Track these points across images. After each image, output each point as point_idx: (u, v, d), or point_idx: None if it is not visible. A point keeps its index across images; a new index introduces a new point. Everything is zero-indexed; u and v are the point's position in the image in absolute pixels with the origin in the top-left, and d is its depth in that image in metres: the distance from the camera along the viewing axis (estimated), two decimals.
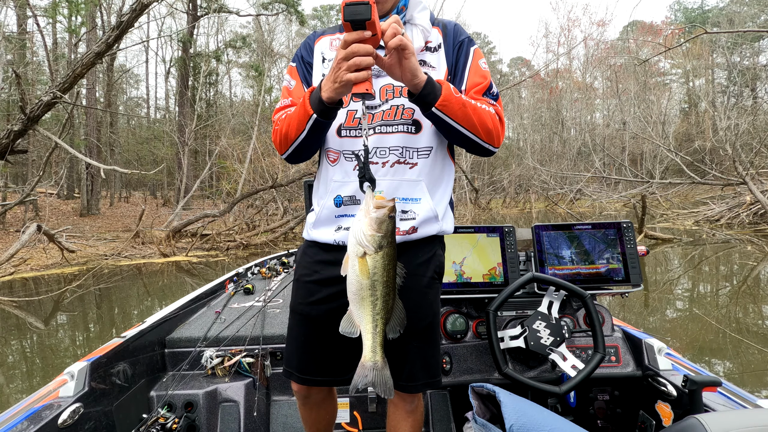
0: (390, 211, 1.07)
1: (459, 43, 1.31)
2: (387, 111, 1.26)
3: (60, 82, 6.65)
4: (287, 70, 1.43)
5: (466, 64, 1.30)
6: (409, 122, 1.26)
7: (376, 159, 1.26)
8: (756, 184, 12.67)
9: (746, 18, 28.52)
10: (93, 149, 18.54)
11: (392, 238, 1.08)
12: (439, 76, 1.27)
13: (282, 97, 1.41)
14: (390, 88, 1.27)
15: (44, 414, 1.33)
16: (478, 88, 1.28)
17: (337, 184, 1.29)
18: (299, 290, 1.38)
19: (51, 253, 10.08)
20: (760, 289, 6.69)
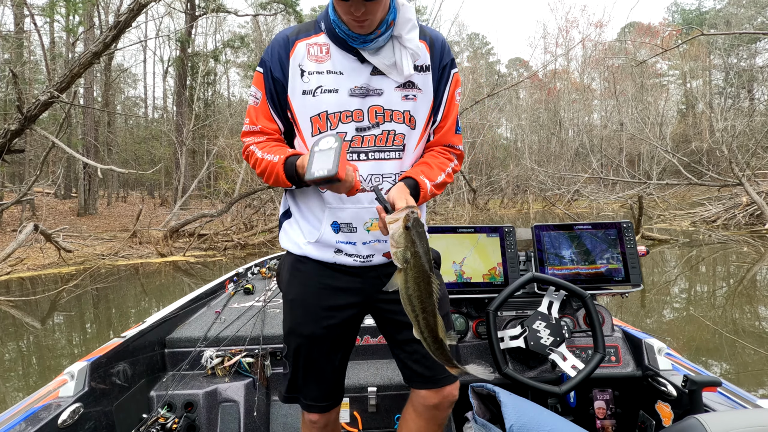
0: (405, 221, 1.06)
1: (443, 66, 1.31)
2: (379, 136, 1.25)
3: (57, 82, 6.63)
4: (254, 78, 1.32)
5: (445, 93, 1.32)
6: (400, 148, 1.28)
7: (367, 186, 1.26)
8: (752, 185, 12.72)
9: (743, 20, 28.65)
10: (90, 149, 18.48)
11: (415, 248, 1.06)
12: (426, 98, 1.28)
13: (247, 115, 1.33)
14: (380, 110, 1.25)
15: (44, 414, 1.33)
16: (449, 125, 1.35)
17: (333, 210, 1.27)
18: (298, 311, 1.34)
19: (48, 252, 10.04)
20: (756, 290, 6.72)
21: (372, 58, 1.22)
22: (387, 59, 1.22)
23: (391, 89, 1.25)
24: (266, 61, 1.27)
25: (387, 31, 1.20)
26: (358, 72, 1.23)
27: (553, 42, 40.06)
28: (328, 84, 1.22)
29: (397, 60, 1.22)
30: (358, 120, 1.24)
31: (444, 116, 1.34)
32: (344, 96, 1.22)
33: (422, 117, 1.30)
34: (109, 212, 19.98)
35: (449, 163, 1.36)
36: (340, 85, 1.22)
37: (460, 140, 1.42)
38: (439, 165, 1.33)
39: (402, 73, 1.23)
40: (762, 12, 27.97)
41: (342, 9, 1.14)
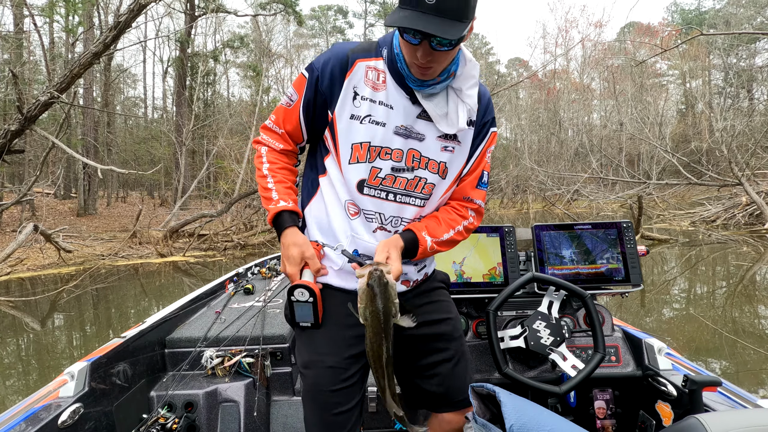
0: (368, 278, 1.06)
1: (485, 123, 1.29)
2: (411, 181, 1.23)
3: (57, 82, 6.63)
4: (296, 80, 1.26)
5: (478, 149, 1.30)
6: (426, 197, 1.26)
7: (390, 228, 1.25)
8: (752, 185, 12.73)
9: (742, 20, 28.65)
10: (90, 149, 18.48)
11: (374, 307, 1.07)
12: (462, 152, 1.27)
13: (275, 112, 1.30)
14: (417, 155, 1.22)
15: (44, 414, 1.33)
16: (473, 178, 1.33)
17: (358, 240, 1.24)
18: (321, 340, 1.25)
19: (48, 253, 10.04)
20: (755, 290, 6.72)
21: (425, 102, 1.18)
22: (440, 108, 1.20)
23: (432, 137, 1.22)
24: (316, 68, 1.21)
25: (447, 80, 1.18)
26: (407, 111, 1.20)
27: (552, 42, 40.07)
28: (378, 115, 1.19)
29: (451, 111, 1.20)
30: (396, 160, 1.21)
31: (470, 170, 1.32)
32: (389, 132, 1.19)
33: (455, 170, 1.28)
34: (108, 212, 19.98)
35: (461, 221, 1.33)
36: (388, 120, 1.19)
37: (482, 195, 1.36)
38: (448, 221, 1.31)
39: (455, 126, 1.20)
40: (761, 12, 27.98)
41: (407, 51, 1.10)
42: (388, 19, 1.04)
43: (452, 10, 1.02)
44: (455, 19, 1.02)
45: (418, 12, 1.01)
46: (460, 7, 1.02)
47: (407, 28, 1.02)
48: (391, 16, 1.04)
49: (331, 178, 1.25)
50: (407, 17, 1.01)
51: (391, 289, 1.08)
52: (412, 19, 1.01)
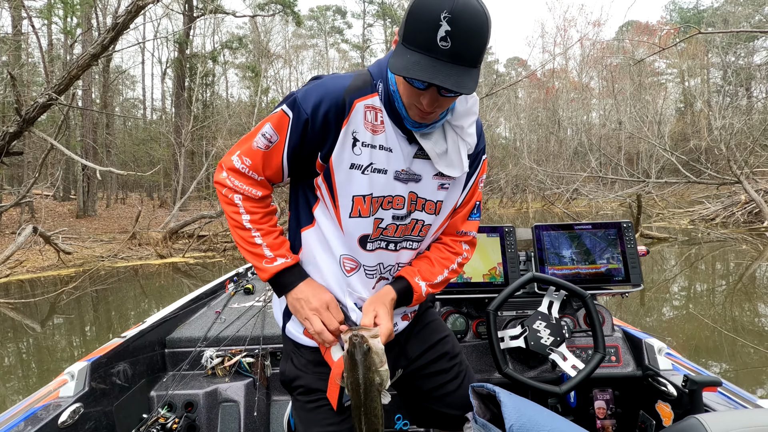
0: (348, 344, 1.00)
1: (477, 152, 1.21)
2: (408, 225, 1.15)
3: (55, 84, 6.63)
4: (275, 118, 1.06)
5: (471, 180, 1.22)
6: (421, 239, 1.20)
7: (389, 276, 1.19)
8: (751, 183, 12.75)
9: (741, 18, 28.68)
10: (89, 151, 18.46)
11: (353, 376, 0.99)
12: (458, 187, 1.19)
13: (248, 155, 1.09)
14: (414, 197, 1.13)
15: (44, 414, 1.33)
16: (466, 210, 1.26)
17: (356, 295, 1.16)
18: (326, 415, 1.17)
19: (47, 254, 10.03)
20: (755, 288, 6.73)
21: (423, 141, 1.08)
22: (438, 146, 1.09)
23: (429, 176, 1.13)
24: (304, 110, 1.03)
25: (445, 116, 1.08)
26: (405, 153, 1.09)
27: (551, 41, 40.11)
28: (378, 162, 1.07)
29: (451, 150, 1.10)
30: (397, 207, 1.12)
31: (464, 203, 1.24)
32: (390, 179, 1.09)
33: (450, 206, 1.20)
34: (108, 214, 19.96)
35: (455, 258, 1.26)
36: (389, 165, 1.08)
37: (475, 226, 1.29)
38: (441, 261, 1.24)
39: (459, 168, 1.11)
40: (759, 10, 28.01)
41: (409, 94, 0.99)
42: (394, 63, 0.92)
43: (470, 56, 0.91)
44: (471, 66, 0.93)
45: (431, 58, 0.90)
46: (478, 53, 0.92)
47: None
48: (398, 59, 0.92)
49: (323, 231, 1.13)
50: (419, 65, 0.89)
51: (374, 356, 0.99)
52: (425, 68, 0.89)
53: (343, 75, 1.08)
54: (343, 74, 1.08)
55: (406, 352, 1.28)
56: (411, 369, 1.28)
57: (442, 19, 0.87)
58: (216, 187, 1.14)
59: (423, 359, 1.29)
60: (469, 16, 0.89)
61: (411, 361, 1.28)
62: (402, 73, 0.90)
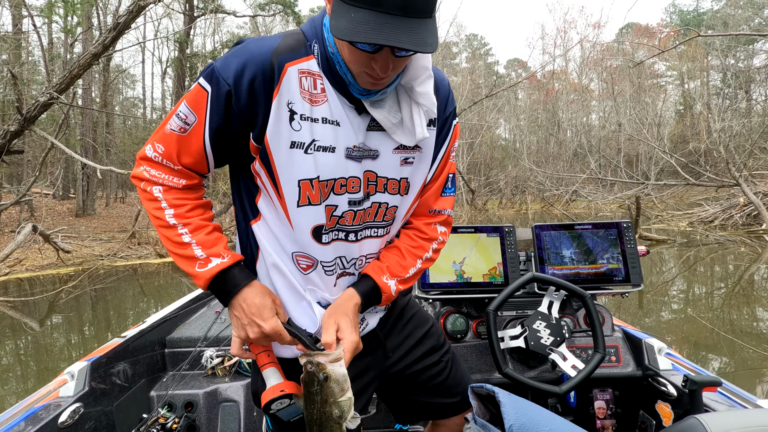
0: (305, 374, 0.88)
1: (446, 117, 1.06)
2: (369, 210, 1.00)
3: (57, 83, 6.64)
4: (190, 94, 0.90)
5: (441, 151, 1.07)
6: (389, 223, 1.05)
7: (354, 270, 1.05)
8: (749, 185, 12.77)
9: (740, 21, 28.75)
10: (89, 149, 18.44)
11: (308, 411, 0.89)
12: (425, 160, 1.03)
13: (161, 141, 0.92)
14: (373, 177, 0.97)
15: (44, 414, 1.33)
16: (437, 185, 1.11)
17: (318, 293, 1.04)
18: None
19: (46, 253, 10.02)
20: (753, 290, 6.74)
21: (374, 111, 0.92)
22: (393, 115, 0.94)
23: (388, 151, 0.97)
24: (225, 80, 0.85)
25: (396, 79, 0.92)
26: (356, 125, 0.93)
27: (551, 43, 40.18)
28: (324, 138, 0.90)
29: (405, 116, 0.94)
30: (352, 191, 0.96)
31: (434, 177, 1.09)
32: (341, 158, 0.92)
33: (418, 183, 1.05)
34: (107, 213, 19.95)
35: (429, 245, 1.12)
36: (337, 142, 0.91)
37: (450, 203, 1.14)
38: (413, 251, 1.09)
39: (414, 136, 0.94)
40: (759, 13, 28.06)
41: (356, 59, 0.83)
42: (336, 26, 0.76)
43: (424, 5, 0.76)
44: (426, 17, 0.78)
45: (379, 13, 0.75)
46: (429, 2, 0.77)
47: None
48: (339, 20, 0.77)
49: (270, 226, 0.99)
50: (367, 24, 0.74)
51: (333, 385, 0.86)
52: (375, 27, 0.74)
53: (271, 36, 0.91)
54: (270, 36, 0.92)
55: (387, 350, 1.19)
56: (398, 368, 1.22)
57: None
58: (134, 184, 0.97)
59: (410, 357, 1.22)
60: None
61: (396, 361, 1.21)
62: (349, 38, 0.75)
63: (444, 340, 1.33)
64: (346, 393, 0.89)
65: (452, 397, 1.29)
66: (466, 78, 24.39)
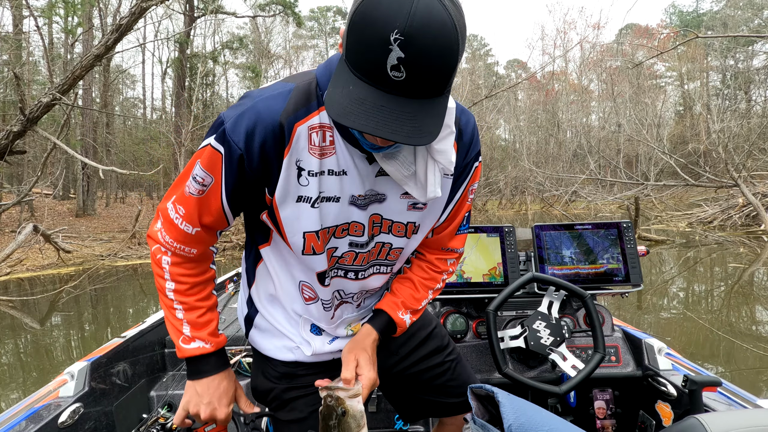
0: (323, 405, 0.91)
1: (468, 161, 1.01)
2: (372, 250, 1.01)
3: (59, 84, 6.65)
4: (204, 156, 0.87)
5: (459, 190, 1.03)
6: (393, 263, 1.07)
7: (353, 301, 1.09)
8: (748, 186, 12.77)
9: (740, 22, 28.77)
10: (89, 150, 18.44)
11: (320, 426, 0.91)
12: (438, 204, 1.01)
13: (179, 202, 0.92)
14: (378, 220, 0.97)
15: (44, 414, 1.33)
16: (453, 226, 1.10)
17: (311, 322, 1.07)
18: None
19: (47, 253, 10.02)
20: (753, 291, 6.74)
21: (385, 163, 0.88)
22: (406, 167, 0.89)
23: (396, 195, 0.95)
24: (236, 144, 0.83)
25: None
26: (364, 174, 0.90)
27: (551, 43, 40.19)
28: (329, 189, 0.89)
29: (419, 172, 0.89)
30: (355, 234, 0.96)
31: (450, 217, 1.06)
32: (345, 205, 0.92)
33: (428, 225, 1.03)
34: (107, 213, 19.95)
35: (440, 277, 1.14)
36: (342, 191, 0.90)
37: (463, 241, 1.14)
38: (425, 283, 1.12)
39: (424, 194, 0.90)
40: (759, 14, 28.08)
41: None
42: (331, 98, 0.70)
43: (432, 87, 0.69)
44: (435, 96, 0.71)
45: (379, 92, 0.69)
46: (444, 80, 0.70)
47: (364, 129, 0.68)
48: (336, 90, 0.71)
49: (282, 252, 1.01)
50: (362, 105, 0.68)
51: (350, 420, 0.89)
52: (369, 111, 0.68)
53: (280, 90, 0.85)
54: (279, 88, 0.85)
55: (392, 348, 1.22)
56: (402, 367, 1.23)
57: (393, 42, 0.64)
58: (147, 241, 0.99)
59: (413, 356, 1.24)
60: (430, 37, 0.64)
61: (400, 360, 1.23)
62: (338, 119, 0.68)
63: (449, 341, 1.32)
64: (362, 429, 0.90)
65: (456, 397, 1.29)
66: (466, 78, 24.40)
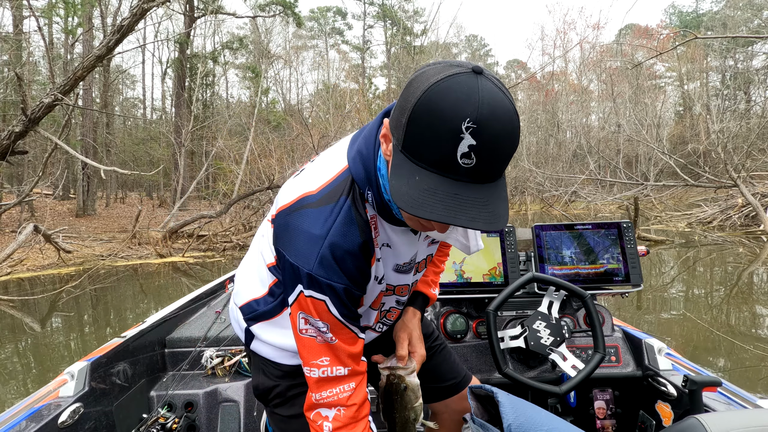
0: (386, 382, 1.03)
1: None
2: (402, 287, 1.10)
3: (61, 84, 6.66)
4: (309, 307, 0.86)
5: None
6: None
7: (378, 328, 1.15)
8: (747, 186, 12.77)
9: (740, 22, 28.75)
10: (89, 150, 18.43)
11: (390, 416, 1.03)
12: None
13: (318, 354, 0.90)
14: (420, 267, 1.09)
15: (44, 414, 1.33)
16: None
17: None
18: None
19: (47, 253, 10.01)
20: (752, 291, 6.74)
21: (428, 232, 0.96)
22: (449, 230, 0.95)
23: (424, 245, 1.03)
24: (336, 287, 0.84)
25: None
26: (406, 244, 0.96)
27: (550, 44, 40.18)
28: (384, 264, 0.95)
29: (460, 229, 0.97)
30: (400, 294, 1.05)
31: None
32: (390, 272, 0.98)
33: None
34: (107, 213, 19.94)
35: (448, 251, 1.29)
36: (386, 264, 0.96)
37: None
38: (441, 259, 1.27)
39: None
40: (758, 14, 28.08)
41: (414, 221, 0.82)
42: (398, 190, 0.69)
43: (498, 171, 0.70)
44: (498, 179, 0.72)
45: (449, 181, 0.68)
46: (505, 164, 0.71)
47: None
48: (401, 182, 0.69)
49: None
50: (434, 195, 0.67)
51: (410, 393, 1.01)
52: (443, 199, 0.67)
53: (345, 216, 0.84)
54: (340, 211, 0.85)
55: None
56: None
57: (465, 131, 0.64)
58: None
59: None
60: (499, 123, 0.66)
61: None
62: (415, 212, 0.67)
63: (433, 329, 1.38)
64: (419, 399, 1.04)
65: (447, 381, 1.32)
66: None
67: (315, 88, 32.69)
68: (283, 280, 0.90)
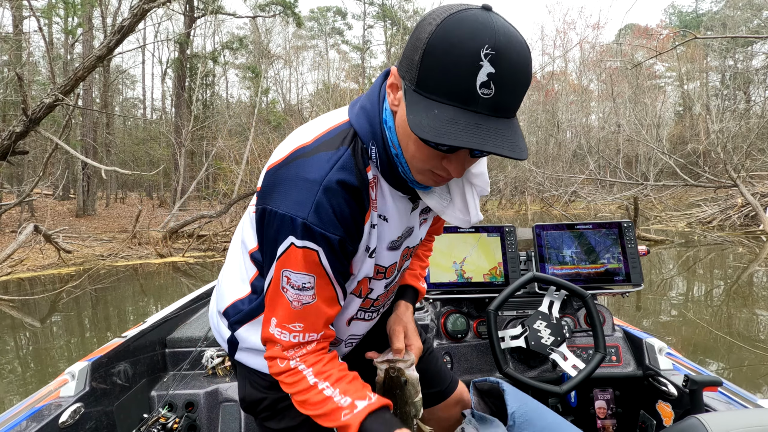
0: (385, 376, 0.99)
1: None
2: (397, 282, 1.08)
3: (62, 85, 6.67)
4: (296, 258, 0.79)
5: None
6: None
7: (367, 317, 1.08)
8: (747, 186, 12.77)
9: (739, 22, 28.75)
10: (89, 150, 18.43)
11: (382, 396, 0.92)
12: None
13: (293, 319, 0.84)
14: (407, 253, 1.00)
15: (45, 414, 1.33)
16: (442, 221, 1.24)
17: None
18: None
19: (47, 253, 10.01)
20: (752, 291, 6.74)
21: (427, 197, 0.87)
22: (444, 197, 0.88)
23: (417, 221, 0.97)
24: (331, 239, 0.78)
25: None
26: (402, 214, 0.91)
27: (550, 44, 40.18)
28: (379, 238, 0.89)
29: (457, 200, 0.88)
30: (389, 276, 0.97)
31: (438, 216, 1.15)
32: (383, 251, 0.91)
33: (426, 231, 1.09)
34: (107, 213, 19.94)
35: (431, 245, 1.29)
36: (381, 239, 0.90)
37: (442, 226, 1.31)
38: (425, 254, 1.26)
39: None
40: (758, 14, 28.08)
41: (425, 158, 0.74)
42: (417, 122, 0.67)
43: (515, 104, 0.69)
44: (512, 116, 0.70)
45: (470, 112, 0.66)
46: (521, 98, 0.69)
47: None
48: (419, 116, 0.67)
49: None
50: (456, 124, 0.65)
51: (410, 387, 0.97)
52: (465, 129, 0.65)
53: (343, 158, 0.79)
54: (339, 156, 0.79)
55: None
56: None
57: (484, 58, 0.63)
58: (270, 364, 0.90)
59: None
60: (515, 51, 0.65)
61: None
62: (437, 139, 0.65)
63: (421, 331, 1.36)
64: (418, 394, 1.00)
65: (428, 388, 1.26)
66: None
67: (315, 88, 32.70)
68: (266, 241, 0.82)
